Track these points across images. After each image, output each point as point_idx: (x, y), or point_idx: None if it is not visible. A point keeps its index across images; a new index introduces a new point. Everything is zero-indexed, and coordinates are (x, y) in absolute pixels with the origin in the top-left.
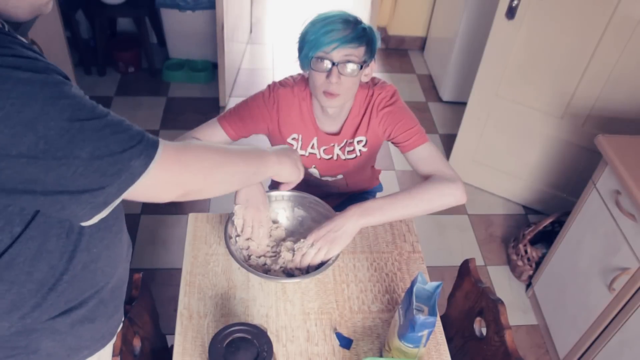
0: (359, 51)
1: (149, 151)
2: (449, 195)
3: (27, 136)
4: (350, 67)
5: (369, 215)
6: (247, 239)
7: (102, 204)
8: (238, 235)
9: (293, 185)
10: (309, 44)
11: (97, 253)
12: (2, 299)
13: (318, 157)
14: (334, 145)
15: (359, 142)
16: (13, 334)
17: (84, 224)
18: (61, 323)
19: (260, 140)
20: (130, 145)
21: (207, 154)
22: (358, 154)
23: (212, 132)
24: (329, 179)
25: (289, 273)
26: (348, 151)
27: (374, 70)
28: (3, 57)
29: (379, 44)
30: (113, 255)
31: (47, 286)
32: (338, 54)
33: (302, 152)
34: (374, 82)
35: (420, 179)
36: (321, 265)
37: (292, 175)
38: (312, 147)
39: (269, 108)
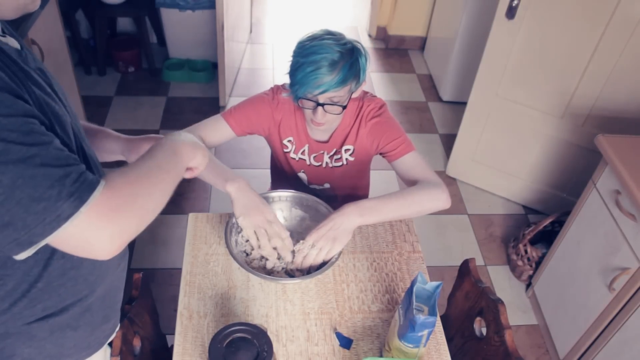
0: (345, 90)
1: (82, 193)
2: (437, 200)
3: None
4: (335, 108)
5: (365, 214)
6: (263, 246)
7: (27, 243)
8: (247, 255)
9: (202, 169)
10: (297, 84)
11: (78, 260)
12: None
13: (308, 163)
14: (323, 153)
15: (346, 150)
16: None
17: (15, 257)
18: (38, 329)
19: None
20: (61, 182)
21: (137, 188)
22: (345, 162)
23: (217, 128)
24: (317, 187)
25: (289, 273)
26: (335, 159)
27: (365, 84)
28: None
29: (368, 65)
30: (98, 264)
31: (18, 292)
32: (323, 97)
33: (294, 157)
34: (364, 94)
35: (407, 186)
36: (322, 265)
37: (202, 160)
38: (303, 154)
39: (272, 108)
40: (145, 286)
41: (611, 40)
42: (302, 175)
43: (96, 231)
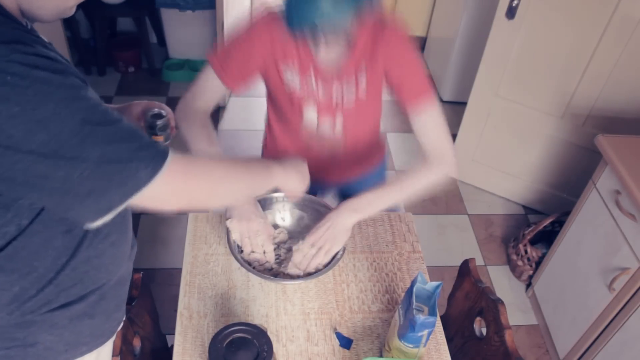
0: (349, 16)
1: (156, 162)
2: (437, 181)
3: (39, 134)
4: (339, 39)
5: (361, 210)
6: (251, 253)
7: (105, 209)
8: (242, 251)
9: (298, 196)
10: (293, 11)
11: (102, 249)
12: (3, 289)
13: (313, 88)
14: (332, 80)
15: (360, 80)
16: (12, 325)
17: (87, 226)
18: (60, 317)
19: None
20: (139, 154)
21: (214, 168)
22: (359, 94)
23: (211, 89)
24: (326, 127)
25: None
26: (348, 89)
27: (381, 7)
28: (25, 55)
29: None
30: (118, 253)
31: (46, 278)
32: (324, 25)
33: (298, 91)
34: (385, 19)
35: (419, 148)
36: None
37: (297, 185)
38: (308, 79)
39: (263, 41)
40: (145, 286)
41: (611, 40)
42: (310, 114)
43: (169, 192)
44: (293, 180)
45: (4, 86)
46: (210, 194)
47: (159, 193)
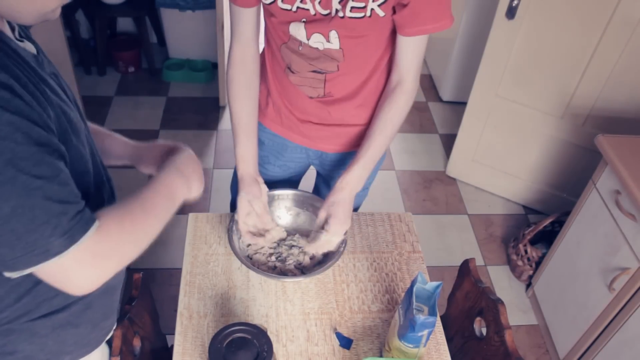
0: None
1: (74, 233)
2: (402, 120)
3: None
4: None
5: (357, 184)
6: (255, 235)
7: (10, 267)
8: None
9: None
10: None
11: None
12: None
13: (308, 10)
14: None
15: None
16: None
17: (4, 274)
18: (41, 326)
19: None
20: (58, 219)
21: (126, 236)
22: (368, 13)
23: (238, 20)
24: (320, 42)
25: (302, 270)
26: (353, 7)
27: None
28: None
29: None
30: None
31: (24, 288)
32: None
33: (285, 5)
34: None
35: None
36: (323, 263)
37: (199, 190)
38: None
39: None
40: (145, 286)
41: (611, 40)
42: (297, 29)
43: (78, 271)
44: (195, 187)
45: None
46: (123, 263)
47: (69, 268)
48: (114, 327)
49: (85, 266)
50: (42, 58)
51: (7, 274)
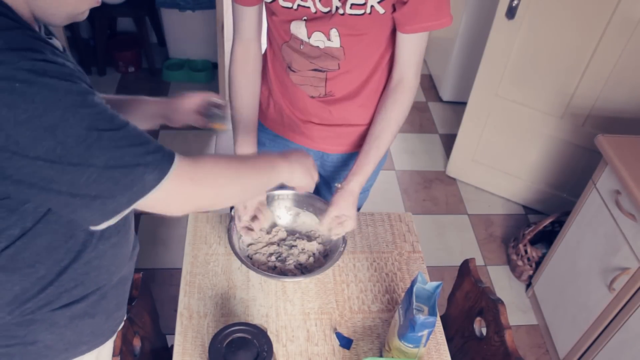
0: None
1: (163, 166)
2: (404, 118)
3: (46, 140)
4: None
5: (360, 183)
6: (251, 220)
7: (111, 212)
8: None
9: (306, 190)
10: None
11: (103, 251)
12: (4, 289)
13: (309, 8)
14: None
15: None
16: (13, 324)
17: (92, 228)
18: (60, 316)
19: None
20: (145, 158)
21: (221, 170)
22: (368, 10)
23: (241, 18)
24: (321, 40)
25: (302, 270)
26: (353, 4)
27: None
28: (34, 61)
29: None
30: (119, 254)
31: (47, 280)
32: None
33: (286, 3)
34: None
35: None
36: (323, 263)
37: (303, 181)
38: None
39: None
40: (145, 286)
41: (611, 41)
42: (298, 28)
43: (175, 196)
44: (299, 175)
45: (12, 93)
46: (216, 197)
47: (165, 197)
48: (125, 318)
49: (181, 191)
50: (67, 54)
51: (103, 225)
